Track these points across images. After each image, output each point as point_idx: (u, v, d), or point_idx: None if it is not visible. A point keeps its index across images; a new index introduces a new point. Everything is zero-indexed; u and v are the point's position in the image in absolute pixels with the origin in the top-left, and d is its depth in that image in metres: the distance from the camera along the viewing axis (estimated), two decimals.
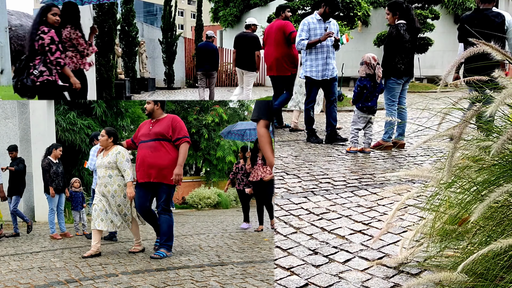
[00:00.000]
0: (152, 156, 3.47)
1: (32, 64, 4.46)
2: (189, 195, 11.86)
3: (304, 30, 5.87)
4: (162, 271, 2.99)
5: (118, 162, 3.60)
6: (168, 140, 3.50)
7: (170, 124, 3.50)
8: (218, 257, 3.45)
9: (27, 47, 4.52)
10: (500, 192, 1.48)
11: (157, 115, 3.59)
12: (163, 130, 3.50)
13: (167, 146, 3.50)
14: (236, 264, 3.19)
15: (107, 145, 3.68)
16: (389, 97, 5.58)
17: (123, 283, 2.71)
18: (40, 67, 4.43)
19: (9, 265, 3.37)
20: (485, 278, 1.64)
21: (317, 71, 5.93)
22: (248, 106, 13.85)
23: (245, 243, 4.19)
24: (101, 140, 3.68)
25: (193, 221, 7.46)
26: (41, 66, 4.44)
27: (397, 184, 3.88)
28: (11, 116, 6.52)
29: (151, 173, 3.46)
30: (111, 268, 3.15)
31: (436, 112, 1.93)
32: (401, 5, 5.49)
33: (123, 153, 3.64)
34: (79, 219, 5.20)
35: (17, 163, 5.08)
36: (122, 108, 8.95)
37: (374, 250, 2.44)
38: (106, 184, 3.62)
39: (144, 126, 3.65)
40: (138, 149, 3.61)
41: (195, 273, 2.91)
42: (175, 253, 3.58)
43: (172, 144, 3.51)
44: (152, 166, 3.46)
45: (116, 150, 3.64)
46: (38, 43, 4.43)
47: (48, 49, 4.44)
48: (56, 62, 4.49)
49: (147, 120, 3.67)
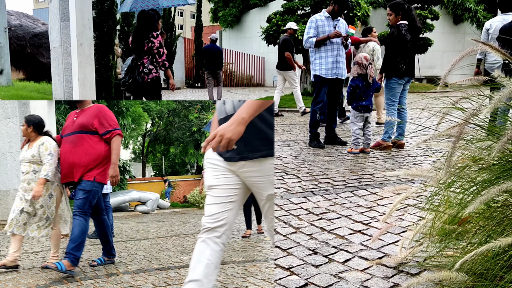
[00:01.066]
0: (73, 152, 3.00)
1: (141, 63, 5.06)
2: (190, 194, 11.88)
3: (312, 28, 5.70)
4: (163, 270, 2.99)
5: (41, 155, 3.10)
6: (93, 132, 3.03)
7: (96, 115, 3.05)
8: None
9: (135, 48, 5.07)
10: (498, 189, 1.48)
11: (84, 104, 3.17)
12: (87, 121, 3.03)
13: (92, 139, 3.03)
14: (237, 263, 3.19)
15: (30, 136, 3.20)
16: (389, 96, 5.59)
17: (124, 282, 2.71)
18: (149, 65, 5.07)
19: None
20: (484, 277, 1.64)
21: (327, 69, 5.71)
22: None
23: (246, 242, 4.19)
24: (22, 130, 3.22)
25: (195, 220, 7.46)
26: (149, 65, 5.07)
27: (397, 184, 3.88)
28: (12, 115, 6.53)
29: (72, 172, 3.01)
30: (112, 267, 3.15)
31: (435, 112, 1.93)
32: (402, 5, 5.51)
33: (47, 145, 3.13)
34: None
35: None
36: (123, 107, 8.96)
37: (373, 250, 2.44)
38: (30, 181, 3.12)
39: (69, 117, 3.18)
40: (61, 144, 3.14)
41: None
42: (176, 252, 3.57)
43: (100, 137, 3.05)
44: (74, 164, 2.99)
45: (41, 141, 3.14)
46: (148, 46, 5.05)
47: (157, 52, 5.07)
48: (162, 63, 5.15)
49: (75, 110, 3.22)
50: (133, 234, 5.40)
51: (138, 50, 5.11)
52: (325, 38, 5.64)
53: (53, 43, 7.26)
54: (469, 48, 1.72)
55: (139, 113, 10.21)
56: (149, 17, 5.19)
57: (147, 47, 5.07)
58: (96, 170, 3.00)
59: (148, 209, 9.73)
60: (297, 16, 12.99)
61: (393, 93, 5.56)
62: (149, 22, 5.14)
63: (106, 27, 10.57)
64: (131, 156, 16.62)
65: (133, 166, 15.59)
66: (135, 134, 14.34)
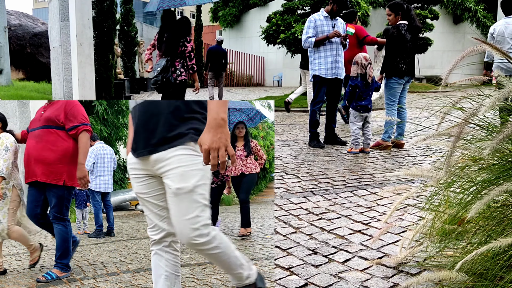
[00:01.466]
0: (37, 148, 2.80)
1: (172, 65, 5.42)
2: None
3: (311, 27, 5.69)
4: None
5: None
6: (59, 127, 2.84)
7: (63, 108, 2.84)
8: None
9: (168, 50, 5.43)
10: (499, 190, 1.48)
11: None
12: (53, 114, 2.84)
13: (58, 135, 2.82)
14: None
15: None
16: (389, 96, 5.59)
17: (124, 281, 2.71)
18: (180, 68, 5.46)
19: (11, 264, 3.37)
20: (484, 277, 1.64)
21: (326, 69, 5.70)
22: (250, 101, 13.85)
23: (247, 241, 4.18)
24: None
25: None
26: (181, 68, 5.47)
27: (397, 184, 3.88)
28: (12, 115, 6.53)
29: (36, 170, 2.80)
30: (113, 266, 3.15)
31: (435, 112, 1.93)
32: (402, 5, 5.52)
33: (3, 139, 2.96)
34: (81, 217, 5.21)
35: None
36: (123, 106, 8.96)
37: (373, 250, 2.44)
38: None
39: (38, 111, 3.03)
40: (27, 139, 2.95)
41: (196, 271, 2.91)
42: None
43: (66, 132, 2.84)
44: (38, 161, 2.79)
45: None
46: (181, 49, 5.42)
47: (188, 56, 5.45)
48: (191, 67, 5.53)
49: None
50: (134, 233, 5.40)
51: (171, 52, 5.45)
52: (324, 38, 5.63)
53: (53, 43, 7.26)
54: (469, 48, 1.72)
55: None
56: (186, 22, 5.59)
57: (180, 51, 5.44)
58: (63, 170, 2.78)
59: None
60: (297, 16, 12.99)
61: (392, 93, 5.57)
62: (185, 27, 5.53)
63: (106, 26, 10.58)
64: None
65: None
66: None
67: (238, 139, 4.65)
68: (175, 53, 5.45)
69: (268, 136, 14.10)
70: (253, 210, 6.00)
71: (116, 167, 5.66)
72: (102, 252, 3.86)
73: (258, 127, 14.00)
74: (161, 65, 5.40)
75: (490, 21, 19.82)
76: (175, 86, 5.49)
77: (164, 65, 5.38)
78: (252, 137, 13.38)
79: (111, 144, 8.09)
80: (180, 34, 5.48)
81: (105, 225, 5.12)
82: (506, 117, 1.96)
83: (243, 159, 4.57)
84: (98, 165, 5.03)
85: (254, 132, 13.66)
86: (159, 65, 5.45)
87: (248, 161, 4.59)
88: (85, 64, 7.09)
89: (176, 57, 5.46)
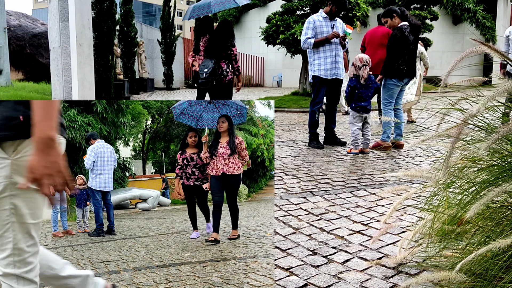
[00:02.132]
0: None
1: (219, 67, 5.81)
2: None
3: (310, 28, 5.70)
4: (164, 267, 3.00)
5: None
6: None
7: None
8: (221, 253, 3.45)
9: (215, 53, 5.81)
10: (498, 191, 1.49)
11: None
12: None
13: None
14: (239, 259, 3.19)
15: None
16: (386, 97, 5.60)
17: (125, 280, 2.71)
18: (226, 69, 5.88)
19: None
20: (483, 278, 1.65)
21: (326, 70, 5.72)
22: (250, 101, 13.88)
23: (248, 238, 4.18)
24: None
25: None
26: (227, 69, 5.88)
27: (396, 184, 3.89)
28: None
29: None
30: (113, 265, 3.15)
31: (434, 113, 1.94)
32: (393, 9, 5.59)
33: None
34: (82, 216, 5.22)
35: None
36: (123, 105, 8.97)
37: (373, 251, 2.44)
38: None
39: None
40: None
41: (197, 269, 2.91)
42: (177, 249, 3.57)
43: None
44: None
45: None
46: (227, 52, 5.83)
47: (234, 58, 5.91)
48: (237, 68, 5.99)
49: None
50: (134, 231, 5.40)
51: (217, 54, 5.81)
52: (323, 39, 5.65)
53: (53, 44, 7.26)
54: (468, 49, 1.72)
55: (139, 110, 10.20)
56: (228, 25, 6.05)
57: (226, 54, 5.84)
58: None
59: (148, 206, 9.73)
60: (297, 17, 13.00)
61: (390, 94, 5.58)
62: (230, 31, 5.97)
63: (105, 27, 10.58)
64: (131, 154, 16.62)
65: (134, 163, 15.58)
66: (135, 132, 14.32)
67: (222, 135, 4.18)
68: (221, 55, 5.81)
69: (268, 134, 14.10)
70: (253, 208, 5.99)
71: (116, 165, 5.65)
72: (102, 250, 3.87)
73: (258, 124, 13.99)
74: (209, 67, 5.72)
75: (490, 22, 19.83)
76: (224, 86, 5.91)
77: (212, 67, 5.72)
78: (252, 135, 13.36)
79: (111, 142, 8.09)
80: (226, 37, 5.86)
81: (106, 224, 5.13)
82: (506, 119, 1.97)
83: (225, 158, 4.07)
84: (99, 163, 5.02)
85: (254, 130, 13.64)
86: (205, 66, 5.75)
87: (231, 161, 4.08)
88: (84, 65, 7.10)
89: (222, 59, 5.83)
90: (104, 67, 10.45)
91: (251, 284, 2.51)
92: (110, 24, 10.75)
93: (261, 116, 14.88)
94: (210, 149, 4.14)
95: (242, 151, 4.19)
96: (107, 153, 5.14)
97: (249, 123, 13.58)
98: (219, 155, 4.07)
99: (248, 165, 4.45)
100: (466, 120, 1.60)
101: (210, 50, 5.83)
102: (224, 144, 4.11)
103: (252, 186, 14.09)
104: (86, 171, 7.53)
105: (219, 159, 4.07)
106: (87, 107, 8.05)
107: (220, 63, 5.81)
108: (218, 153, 4.07)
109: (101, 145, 5.13)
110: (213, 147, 4.13)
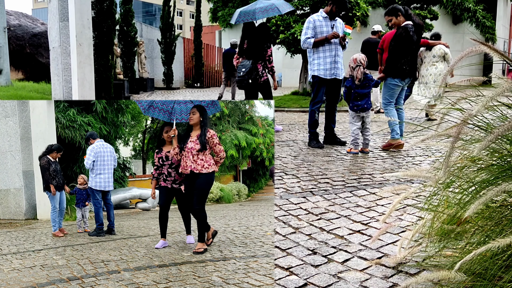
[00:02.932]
0: None
1: (256, 67, 6.39)
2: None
3: (310, 28, 5.70)
4: (164, 267, 3.00)
5: None
6: None
7: None
8: (221, 252, 3.45)
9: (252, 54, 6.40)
10: (497, 190, 1.49)
11: None
12: None
13: None
14: (239, 258, 3.19)
15: None
16: (386, 96, 5.59)
17: (125, 280, 2.71)
18: (262, 69, 6.45)
19: (12, 263, 3.37)
20: (483, 277, 1.65)
21: (325, 70, 5.73)
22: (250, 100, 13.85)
23: (248, 238, 4.18)
24: None
25: None
26: (262, 69, 6.46)
27: (396, 184, 3.89)
28: (11, 114, 6.54)
29: None
30: (113, 265, 3.15)
31: (434, 112, 1.94)
32: (397, 7, 5.55)
33: None
34: (81, 216, 5.22)
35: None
36: (123, 104, 8.96)
37: (373, 250, 2.44)
38: None
39: None
40: None
41: (197, 268, 2.91)
42: (177, 249, 3.57)
43: None
44: None
45: None
46: (263, 53, 6.42)
47: (268, 59, 6.47)
48: (271, 68, 6.56)
49: None
50: (134, 231, 5.39)
51: (255, 56, 6.39)
52: (323, 39, 5.65)
53: (52, 43, 7.26)
54: (468, 48, 1.73)
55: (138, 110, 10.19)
56: (266, 29, 6.59)
57: (262, 55, 6.41)
58: None
59: (148, 206, 9.73)
60: (296, 16, 12.99)
61: (391, 94, 5.57)
62: (268, 34, 6.57)
63: (105, 27, 10.58)
64: (131, 153, 16.61)
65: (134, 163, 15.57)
66: (135, 131, 14.32)
67: (194, 128, 3.61)
68: (258, 56, 6.39)
69: (268, 133, 14.09)
70: (253, 207, 5.99)
71: (117, 165, 5.65)
72: (102, 250, 3.87)
73: (258, 124, 13.97)
74: (246, 67, 6.30)
75: (490, 21, 19.84)
76: (261, 85, 6.51)
77: (250, 67, 6.30)
78: (252, 134, 13.33)
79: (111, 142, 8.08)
80: (264, 39, 6.45)
81: (106, 224, 5.13)
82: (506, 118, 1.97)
83: (193, 154, 3.49)
84: (98, 163, 5.02)
85: (253, 130, 13.62)
86: (243, 65, 6.35)
87: (199, 157, 3.50)
88: (84, 64, 7.10)
89: (258, 60, 6.40)
90: (104, 67, 10.44)
91: (251, 283, 2.51)
92: (110, 23, 10.74)
93: (261, 116, 14.87)
94: (180, 144, 3.59)
95: (215, 146, 3.59)
96: (107, 152, 5.13)
97: (249, 123, 13.57)
98: (188, 151, 3.51)
99: (248, 164, 4.39)
100: (466, 120, 1.60)
101: (249, 52, 6.43)
102: (194, 138, 3.55)
103: (252, 186, 14.09)
104: (87, 171, 7.54)
105: (188, 155, 3.51)
106: (87, 106, 8.05)
107: (257, 65, 6.40)
108: (186, 148, 3.52)
109: (101, 144, 5.13)
110: (183, 142, 3.59)
